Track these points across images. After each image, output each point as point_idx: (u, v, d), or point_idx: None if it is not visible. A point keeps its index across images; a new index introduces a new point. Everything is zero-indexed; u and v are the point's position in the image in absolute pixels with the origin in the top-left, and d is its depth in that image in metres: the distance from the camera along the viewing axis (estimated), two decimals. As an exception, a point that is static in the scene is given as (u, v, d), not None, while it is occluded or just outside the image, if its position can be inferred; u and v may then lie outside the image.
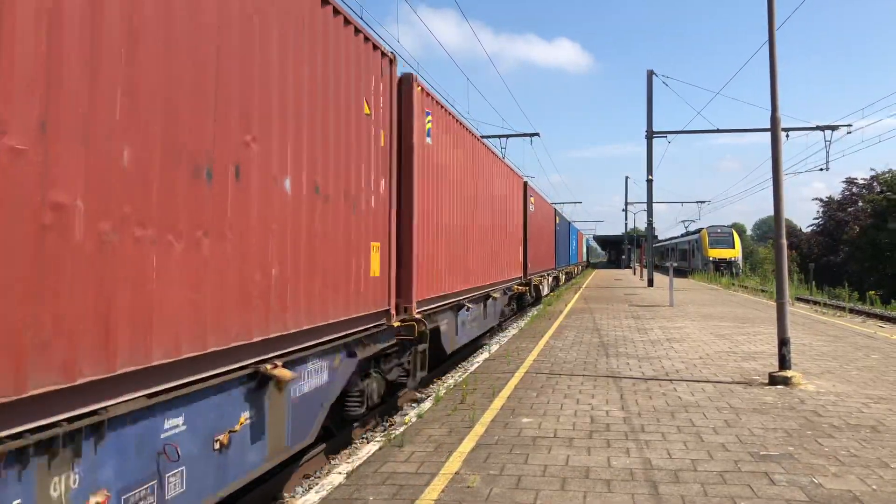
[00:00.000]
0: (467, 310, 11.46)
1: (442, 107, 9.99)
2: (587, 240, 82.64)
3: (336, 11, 5.77)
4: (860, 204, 56.43)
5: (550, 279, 29.17)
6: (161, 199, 3.39)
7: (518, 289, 18.27)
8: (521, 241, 18.63)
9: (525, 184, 20.06)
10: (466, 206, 11.45)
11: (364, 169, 6.42)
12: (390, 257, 7.23)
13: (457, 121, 10.98)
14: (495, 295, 14.45)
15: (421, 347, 8.62)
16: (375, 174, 6.72)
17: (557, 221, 32.51)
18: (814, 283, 34.23)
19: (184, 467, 3.65)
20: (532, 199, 21.28)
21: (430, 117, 9.03)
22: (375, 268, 6.74)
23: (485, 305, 13.66)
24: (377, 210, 6.78)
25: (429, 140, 8.98)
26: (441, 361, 11.48)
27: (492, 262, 13.86)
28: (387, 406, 8.73)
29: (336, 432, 7.35)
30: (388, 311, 7.21)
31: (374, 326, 6.90)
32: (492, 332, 15.94)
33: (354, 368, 6.45)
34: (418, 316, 8.10)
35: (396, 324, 7.56)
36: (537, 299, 25.24)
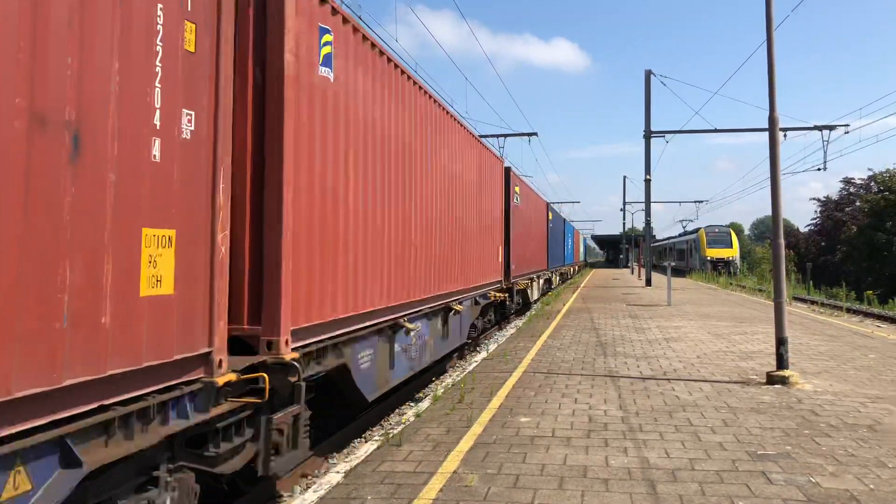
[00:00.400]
0: (408, 332, 8.35)
1: (356, 30, 6.57)
2: (584, 239, 76.93)
3: None
4: (858, 204, 56.54)
5: (541, 282, 26.53)
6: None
7: (497, 296, 15.29)
8: (500, 239, 15.73)
9: (507, 170, 17.15)
10: (408, 186, 8.24)
11: (124, 82, 3.33)
12: (213, 257, 4.03)
13: (387, 58, 7.53)
14: (459, 307, 11.26)
15: (283, 415, 4.89)
16: (166, 101, 3.63)
17: (550, 218, 30.04)
18: (811, 282, 34.28)
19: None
20: (517, 189, 18.41)
21: (328, 37, 5.81)
22: (163, 279, 3.60)
23: (444, 322, 10.64)
24: (169, 168, 3.65)
25: (325, 72, 5.75)
26: (363, 410, 8.33)
27: (454, 264, 10.79)
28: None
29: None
30: (203, 355, 3.96)
31: (167, 389, 3.70)
32: (460, 351, 13.30)
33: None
34: (294, 355, 4.93)
35: (225, 380, 4.09)
36: (525, 306, 22.58)
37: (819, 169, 31.39)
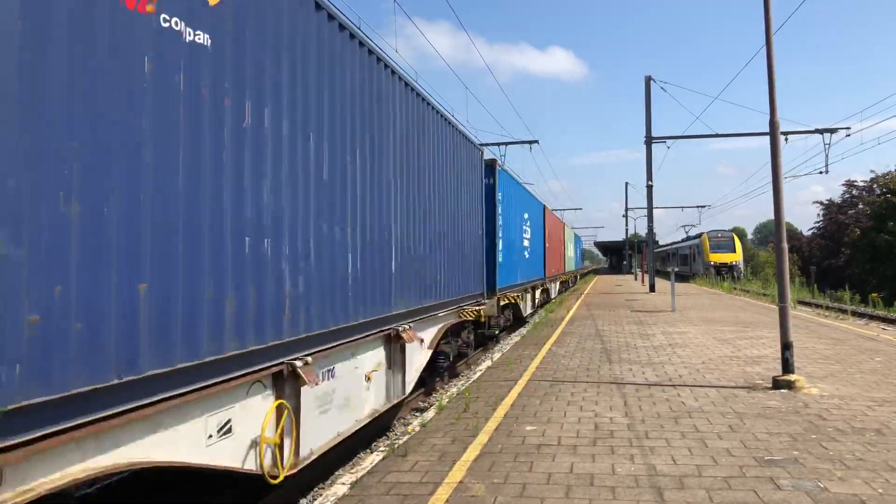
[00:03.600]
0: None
1: None
2: (578, 242, 61.32)
3: None
4: (860, 206, 56.44)
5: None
6: None
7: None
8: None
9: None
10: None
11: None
12: None
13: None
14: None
15: None
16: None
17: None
18: (815, 286, 34.15)
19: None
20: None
21: None
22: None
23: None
24: None
25: None
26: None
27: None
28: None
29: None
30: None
31: None
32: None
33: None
34: None
35: None
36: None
37: (821, 172, 31.38)
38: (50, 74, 3.12)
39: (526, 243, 20.61)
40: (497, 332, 16.07)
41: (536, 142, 31.29)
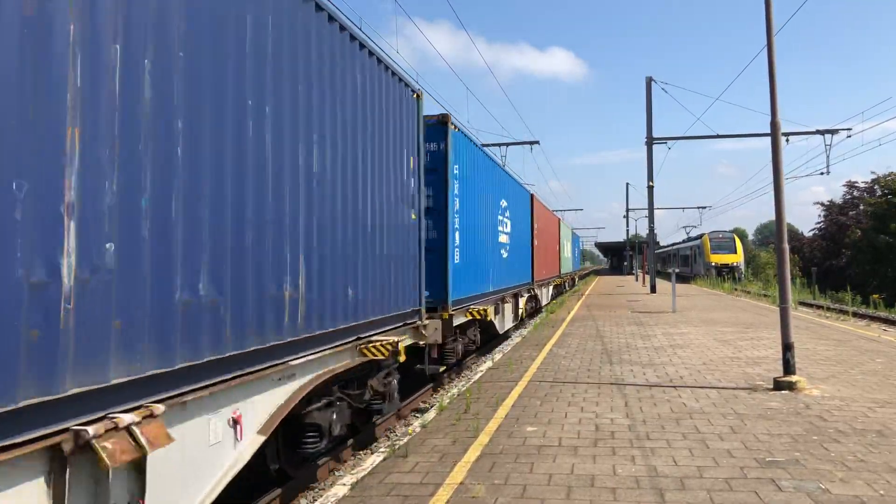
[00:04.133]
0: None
1: None
2: (576, 240, 51.00)
3: None
4: (861, 207, 56.38)
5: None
6: None
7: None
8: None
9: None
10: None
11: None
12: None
13: None
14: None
15: None
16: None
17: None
18: (816, 287, 34.12)
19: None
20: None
21: None
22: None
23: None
24: None
25: None
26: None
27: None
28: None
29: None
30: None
31: None
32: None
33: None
34: None
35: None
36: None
37: (822, 173, 31.41)
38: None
39: (503, 239, 15.68)
40: (444, 369, 10.99)
41: (537, 142, 31.35)
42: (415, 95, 8.83)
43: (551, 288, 29.12)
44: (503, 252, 15.81)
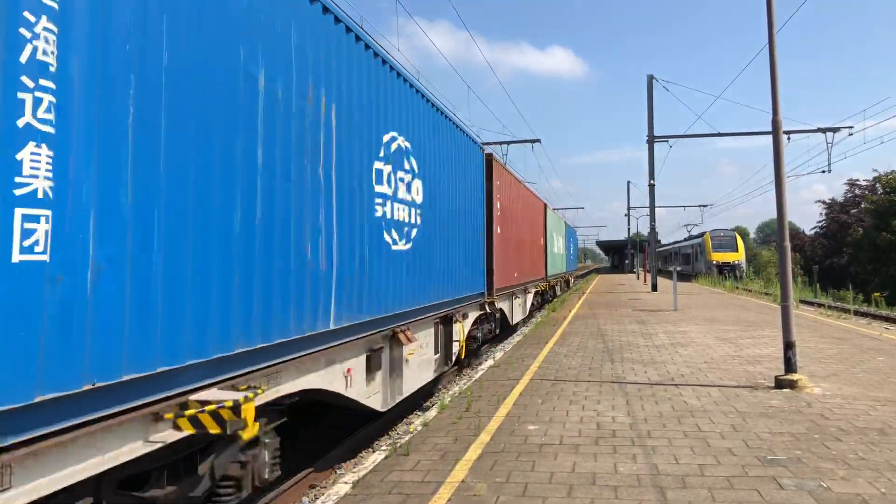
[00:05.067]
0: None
1: None
2: (571, 234, 43.17)
3: None
4: (863, 205, 56.32)
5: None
6: None
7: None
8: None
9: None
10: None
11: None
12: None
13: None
14: None
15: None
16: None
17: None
18: (818, 285, 34.12)
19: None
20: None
21: None
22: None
23: None
24: None
25: None
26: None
27: None
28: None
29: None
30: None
31: None
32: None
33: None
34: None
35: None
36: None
37: (823, 171, 31.33)
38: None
39: (407, 216, 8.43)
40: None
41: (538, 140, 31.29)
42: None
43: (530, 297, 21.20)
44: (402, 243, 8.26)
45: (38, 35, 3.06)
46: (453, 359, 11.00)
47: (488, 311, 13.86)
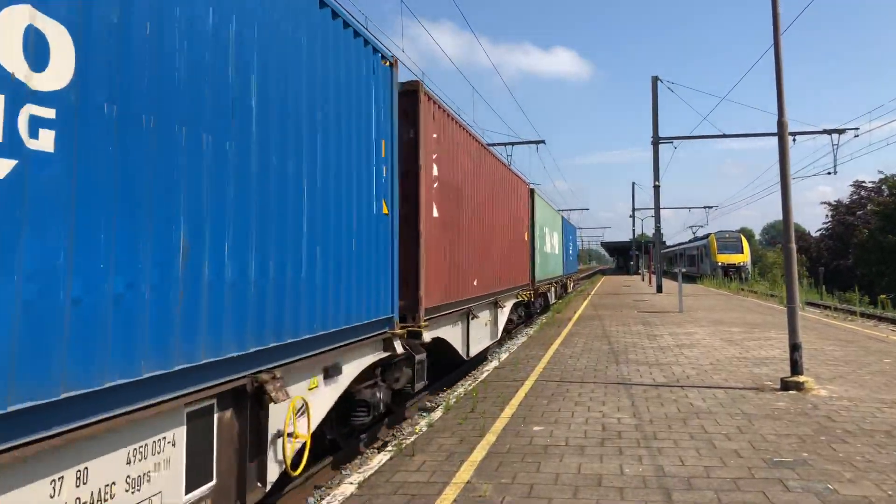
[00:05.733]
0: None
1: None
2: (570, 232, 37.30)
3: None
4: (869, 207, 56.09)
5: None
6: None
7: None
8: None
9: None
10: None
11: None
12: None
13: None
14: None
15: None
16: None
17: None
18: (824, 287, 34.00)
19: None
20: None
21: None
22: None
23: None
24: None
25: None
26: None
27: None
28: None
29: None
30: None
31: None
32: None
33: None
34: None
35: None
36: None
37: (829, 173, 31.27)
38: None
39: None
40: None
41: (543, 142, 31.34)
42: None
43: (505, 313, 15.68)
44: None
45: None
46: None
47: (403, 350, 8.01)
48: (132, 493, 3.63)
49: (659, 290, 33.87)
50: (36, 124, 3.02)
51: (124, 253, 3.50)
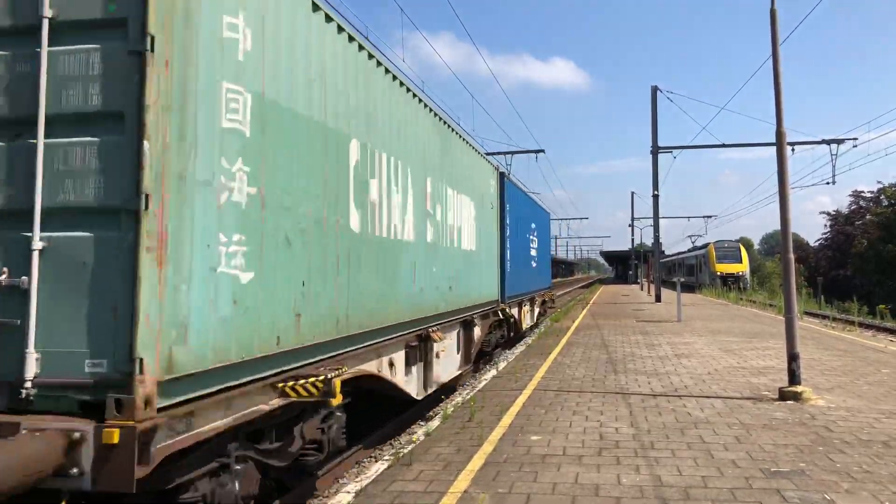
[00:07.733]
0: None
1: None
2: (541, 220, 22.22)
3: None
4: (868, 217, 56.21)
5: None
6: None
7: None
8: None
9: None
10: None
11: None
12: None
13: None
14: None
15: None
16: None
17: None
18: (822, 297, 34.01)
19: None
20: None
21: None
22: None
23: None
24: None
25: None
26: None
27: None
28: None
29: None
30: None
31: None
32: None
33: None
34: None
35: None
36: None
37: (828, 183, 31.33)
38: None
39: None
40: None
41: (542, 151, 31.42)
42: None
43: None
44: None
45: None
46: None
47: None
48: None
49: (658, 299, 33.86)
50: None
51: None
